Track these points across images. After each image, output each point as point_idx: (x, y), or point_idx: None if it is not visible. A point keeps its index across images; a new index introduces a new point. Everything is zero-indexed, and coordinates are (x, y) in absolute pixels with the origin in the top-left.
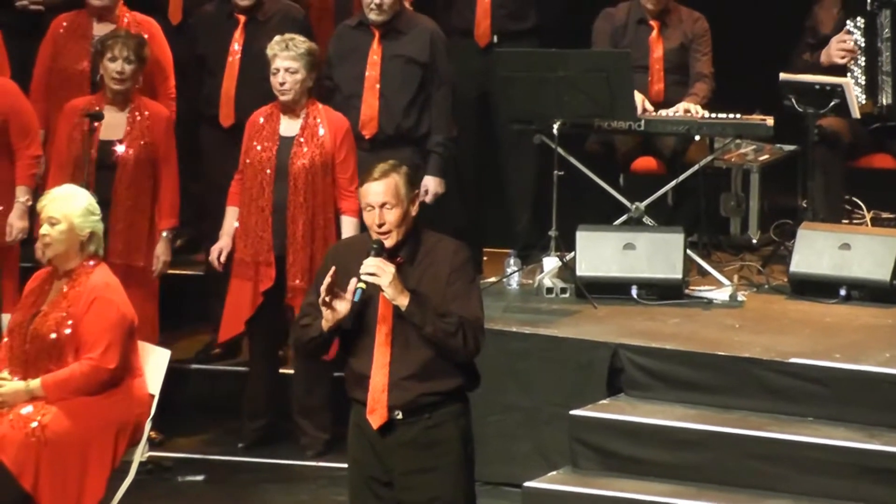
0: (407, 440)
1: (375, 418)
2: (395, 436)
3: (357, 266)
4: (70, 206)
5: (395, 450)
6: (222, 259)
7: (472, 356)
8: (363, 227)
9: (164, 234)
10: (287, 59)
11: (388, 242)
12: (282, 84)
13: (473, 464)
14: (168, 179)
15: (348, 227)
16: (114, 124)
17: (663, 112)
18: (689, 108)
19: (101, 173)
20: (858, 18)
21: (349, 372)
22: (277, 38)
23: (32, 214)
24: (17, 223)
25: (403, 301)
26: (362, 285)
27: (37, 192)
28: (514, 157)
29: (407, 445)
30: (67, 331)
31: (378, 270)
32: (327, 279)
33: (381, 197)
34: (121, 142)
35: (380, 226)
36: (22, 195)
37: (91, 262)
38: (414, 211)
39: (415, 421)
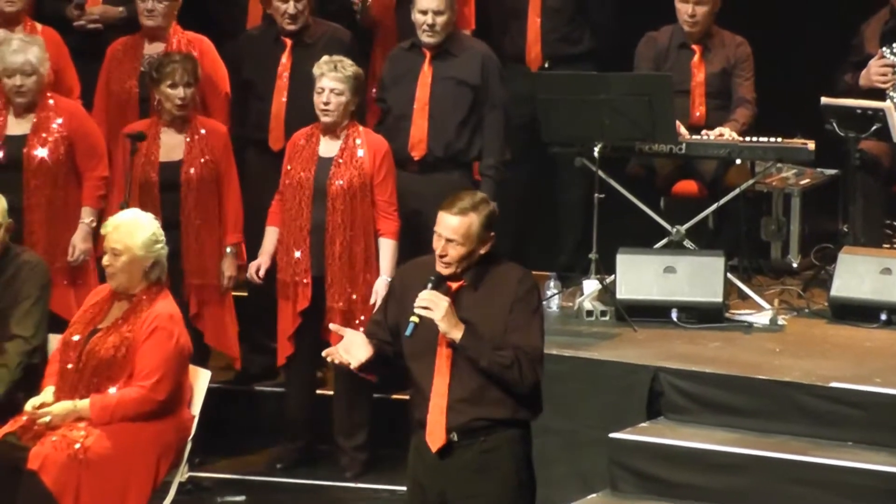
0: (462, 463)
1: (434, 440)
2: (452, 459)
3: (419, 289)
4: (133, 238)
5: (450, 473)
6: (261, 274)
7: (530, 387)
8: (402, 249)
9: (229, 249)
10: (334, 80)
11: (445, 272)
12: (326, 104)
13: (531, 491)
14: (230, 195)
15: (386, 249)
16: (173, 145)
17: (702, 135)
18: (723, 133)
19: (165, 195)
20: (894, 45)
21: (413, 391)
22: (326, 58)
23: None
24: (80, 245)
25: (457, 334)
26: (415, 319)
27: (101, 214)
28: (563, 182)
29: (462, 469)
30: (124, 354)
31: (431, 304)
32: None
33: (450, 233)
34: (182, 162)
35: (441, 256)
36: (87, 216)
37: (155, 289)
38: (483, 250)
39: (470, 444)
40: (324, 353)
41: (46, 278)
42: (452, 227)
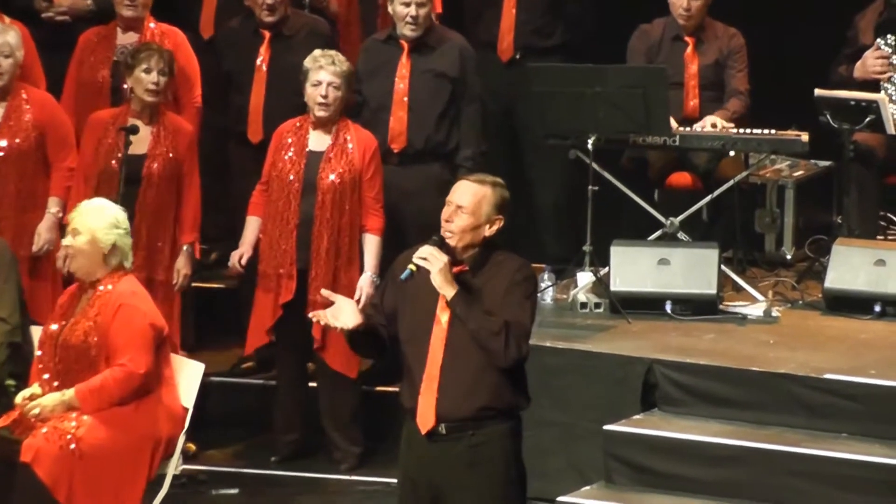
0: (451, 457)
1: (424, 422)
2: (441, 452)
3: (418, 277)
4: (94, 219)
5: (440, 466)
6: (243, 262)
7: (513, 361)
8: (386, 246)
9: (185, 247)
10: (333, 74)
11: (451, 242)
12: (324, 97)
13: (521, 486)
14: (190, 194)
15: (371, 245)
16: (139, 138)
17: (694, 127)
18: (715, 122)
19: (125, 187)
20: (889, 36)
21: (404, 381)
22: (319, 52)
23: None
24: (44, 234)
25: (450, 291)
26: (412, 267)
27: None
28: (540, 172)
29: (451, 462)
30: (95, 339)
31: (430, 257)
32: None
33: (461, 199)
34: (146, 156)
35: (446, 221)
36: (53, 206)
37: (118, 274)
38: (487, 232)
39: (459, 437)
40: (311, 315)
41: (10, 255)
42: (466, 193)
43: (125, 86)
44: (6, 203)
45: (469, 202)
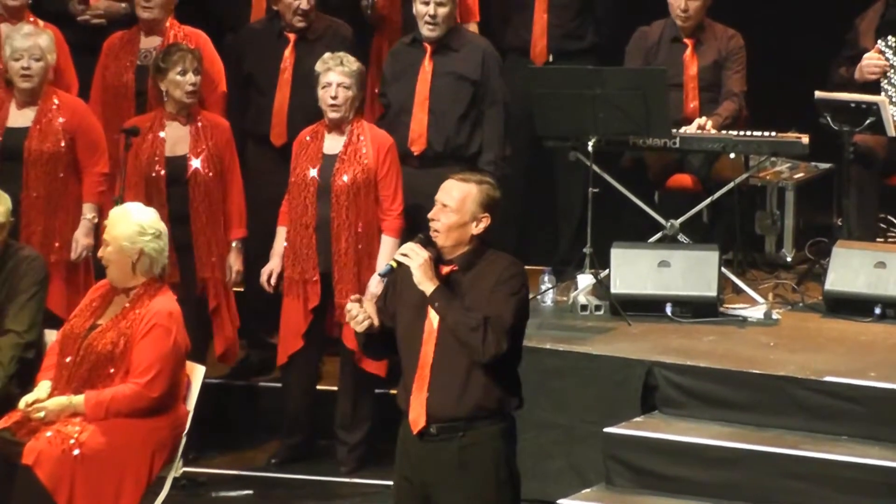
0: (443, 458)
1: (415, 422)
2: (432, 452)
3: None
4: (118, 228)
5: (432, 467)
6: (272, 282)
7: (492, 357)
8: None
9: (235, 244)
10: (342, 74)
11: (438, 240)
12: (334, 98)
13: (512, 488)
14: (234, 189)
15: (384, 246)
16: (178, 139)
17: (684, 129)
18: (702, 125)
19: (173, 189)
20: (890, 38)
21: (401, 381)
22: (328, 54)
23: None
24: (82, 240)
25: (429, 287)
26: (393, 263)
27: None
28: (565, 177)
29: (443, 463)
30: (120, 351)
31: (411, 253)
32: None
33: (446, 197)
34: (190, 156)
35: (432, 219)
36: (89, 212)
37: (155, 285)
38: (474, 230)
39: (450, 437)
40: (347, 307)
41: (44, 273)
42: (451, 191)
43: (162, 90)
44: (35, 207)
45: (454, 200)
